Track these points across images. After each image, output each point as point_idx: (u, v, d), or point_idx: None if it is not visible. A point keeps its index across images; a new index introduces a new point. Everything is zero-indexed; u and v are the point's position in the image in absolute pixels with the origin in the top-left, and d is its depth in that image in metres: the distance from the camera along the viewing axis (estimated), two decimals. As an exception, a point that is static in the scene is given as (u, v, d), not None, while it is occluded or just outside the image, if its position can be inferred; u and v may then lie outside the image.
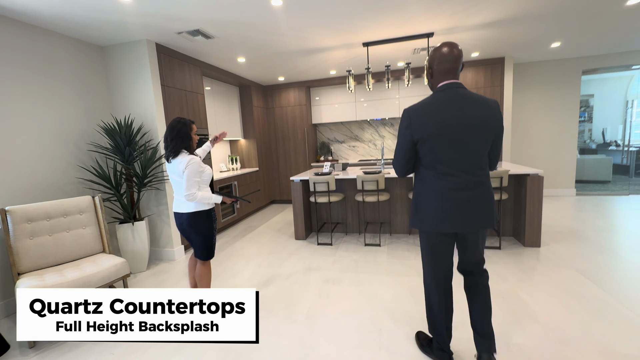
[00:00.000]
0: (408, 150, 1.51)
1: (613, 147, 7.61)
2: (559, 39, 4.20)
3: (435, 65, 1.49)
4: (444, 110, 1.43)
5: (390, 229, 3.99)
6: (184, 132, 2.06)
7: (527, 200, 3.24)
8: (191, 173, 1.99)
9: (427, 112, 1.45)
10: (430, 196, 1.49)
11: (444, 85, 1.46)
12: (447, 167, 1.45)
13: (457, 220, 1.45)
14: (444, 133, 1.42)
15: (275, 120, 6.18)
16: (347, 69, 3.85)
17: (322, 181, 3.61)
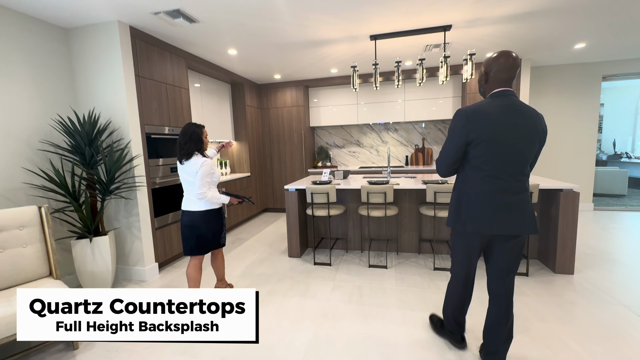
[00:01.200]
0: (460, 149, 1.53)
1: (625, 159, 7.26)
2: (585, 39, 3.80)
3: (493, 73, 1.52)
4: (500, 114, 1.46)
5: (397, 247, 3.51)
6: (197, 136, 2.22)
7: (559, 219, 2.79)
8: (204, 174, 2.17)
9: (485, 114, 1.47)
10: (475, 198, 1.53)
11: (500, 91, 1.50)
12: (496, 170, 1.48)
13: (503, 223, 1.48)
14: (499, 137, 1.45)
15: (270, 122, 5.70)
16: (352, 64, 3.39)
17: (321, 191, 3.12)
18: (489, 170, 1.48)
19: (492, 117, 1.45)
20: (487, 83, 1.56)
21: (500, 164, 1.46)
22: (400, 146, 5.70)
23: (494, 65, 1.51)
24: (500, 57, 1.50)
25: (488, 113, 1.46)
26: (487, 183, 1.49)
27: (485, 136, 1.44)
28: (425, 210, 3.04)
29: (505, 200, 1.47)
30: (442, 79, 3.28)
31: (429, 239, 3.45)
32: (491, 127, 1.44)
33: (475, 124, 1.46)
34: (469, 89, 4.72)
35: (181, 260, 3.54)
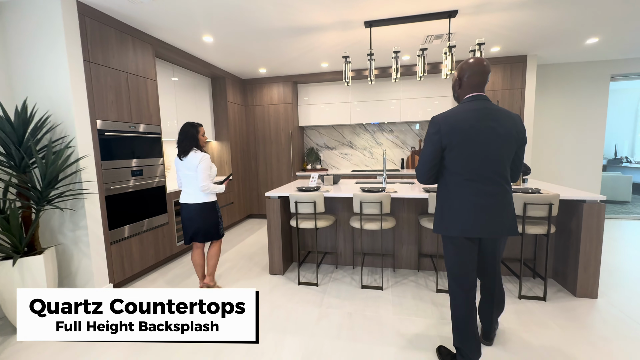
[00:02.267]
0: (435, 156, 1.55)
1: (627, 164, 7.02)
2: (599, 33, 3.46)
3: (466, 77, 1.55)
4: (472, 119, 1.48)
5: (394, 262, 3.09)
6: (192, 134, 2.42)
7: (581, 235, 2.41)
8: (204, 167, 2.37)
9: (457, 120, 1.50)
10: (455, 202, 1.55)
11: (473, 96, 1.54)
12: (472, 174, 1.50)
13: (481, 225, 1.50)
14: (472, 141, 1.47)
15: (255, 121, 5.24)
16: (343, 54, 2.97)
17: (307, 200, 2.68)
18: (465, 174, 1.51)
19: (464, 122, 1.48)
20: (460, 88, 1.60)
21: (475, 167, 1.49)
22: (395, 148, 5.30)
23: (467, 70, 1.55)
24: (473, 62, 1.55)
25: (460, 118, 1.49)
26: (464, 187, 1.52)
27: (458, 141, 1.48)
28: (427, 222, 2.63)
29: (483, 202, 1.49)
30: (447, 72, 2.89)
31: (429, 254, 3.05)
32: (464, 131, 1.47)
33: (447, 130, 1.49)
34: (471, 87, 4.35)
35: (146, 279, 3.05)
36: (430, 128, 1.55)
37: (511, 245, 2.86)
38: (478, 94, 1.54)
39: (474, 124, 1.47)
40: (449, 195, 1.57)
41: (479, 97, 1.53)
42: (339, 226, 3.20)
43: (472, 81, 1.54)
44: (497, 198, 1.50)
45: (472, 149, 1.47)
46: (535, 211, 2.35)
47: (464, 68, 1.56)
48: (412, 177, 4.63)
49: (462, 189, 1.52)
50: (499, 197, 1.50)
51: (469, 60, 1.57)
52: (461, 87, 1.59)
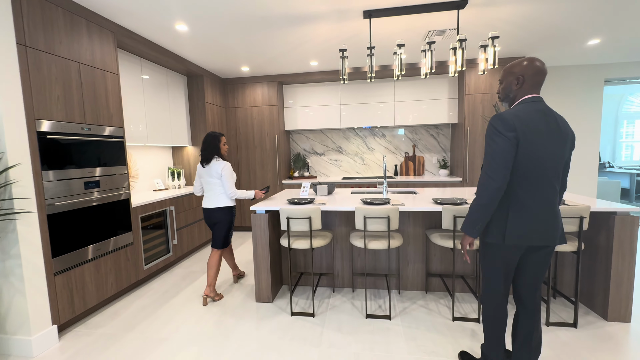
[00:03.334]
0: (512, 155, 1.38)
1: (610, 169, 7.10)
2: (601, 34, 3.31)
3: (528, 76, 1.44)
4: (539, 121, 1.39)
5: (399, 283, 2.72)
6: (214, 144, 2.59)
7: (613, 251, 2.14)
8: (228, 175, 2.55)
9: (529, 120, 1.39)
10: (515, 208, 1.43)
11: (533, 97, 1.44)
12: (535, 179, 1.40)
13: (540, 232, 1.41)
14: (539, 144, 1.38)
15: (237, 124, 4.78)
16: (340, 47, 2.61)
17: (301, 215, 2.27)
18: (530, 178, 1.40)
19: (534, 123, 1.38)
20: (520, 88, 1.47)
21: (540, 172, 1.40)
22: (388, 154, 4.99)
23: (530, 68, 1.44)
24: (536, 61, 1.43)
25: (531, 119, 1.39)
26: (527, 192, 1.41)
27: (528, 141, 1.37)
28: (439, 239, 2.28)
29: (543, 209, 1.41)
30: (455, 70, 2.58)
31: (438, 273, 2.70)
32: (532, 133, 1.37)
33: (522, 129, 1.37)
34: (468, 89, 4.12)
35: (104, 314, 2.50)
36: (500, 126, 1.39)
37: (528, 261, 2.56)
38: (538, 95, 1.45)
39: (541, 125, 1.38)
40: (508, 200, 1.43)
41: (539, 99, 1.44)
42: (336, 243, 2.81)
43: (534, 80, 1.43)
44: (555, 205, 1.43)
45: (539, 153, 1.37)
46: (565, 226, 2.05)
47: (526, 66, 1.44)
48: (408, 184, 4.32)
49: (526, 195, 1.41)
50: (556, 204, 1.43)
51: (526, 59, 1.45)
52: (522, 87, 1.46)
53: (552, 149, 1.38)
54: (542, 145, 1.37)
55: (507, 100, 1.53)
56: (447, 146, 4.82)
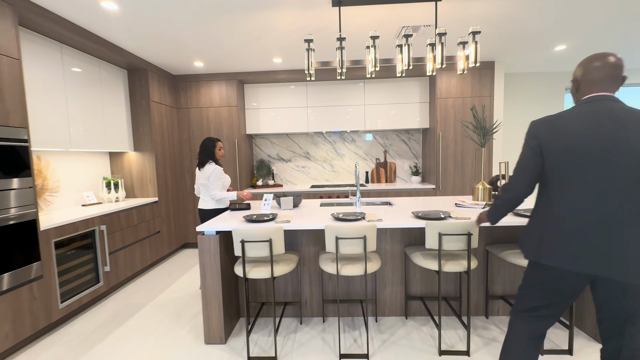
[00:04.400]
0: (534, 164, 1.30)
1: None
2: (567, 40, 3.29)
3: (582, 75, 1.27)
4: (584, 123, 1.20)
5: (376, 309, 2.37)
6: (209, 148, 2.79)
7: (605, 267, 1.96)
8: (214, 178, 2.70)
9: (561, 124, 1.24)
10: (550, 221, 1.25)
11: (590, 97, 1.25)
12: (582, 191, 1.18)
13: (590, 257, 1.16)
14: (581, 150, 1.18)
15: (191, 126, 4.22)
16: (306, 38, 2.24)
17: (259, 238, 1.84)
18: (573, 190, 1.20)
19: (571, 127, 1.21)
20: (578, 92, 1.31)
21: (588, 182, 1.17)
22: (358, 160, 4.71)
23: (584, 66, 1.27)
24: (592, 56, 1.26)
25: (566, 123, 1.23)
26: (569, 205, 1.20)
27: (561, 149, 1.22)
28: (421, 259, 1.97)
29: (595, 226, 1.15)
30: (433, 68, 2.32)
31: (419, 295, 2.40)
32: (570, 138, 1.21)
33: (547, 134, 1.26)
34: (440, 93, 3.96)
35: (-10, 376, 1.86)
36: (528, 132, 1.33)
37: (509, 278, 2.35)
38: (599, 94, 1.23)
39: (585, 129, 1.19)
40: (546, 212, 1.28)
41: (600, 98, 1.22)
42: (303, 265, 2.40)
43: (591, 77, 1.24)
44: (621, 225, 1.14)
45: (582, 161, 1.18)
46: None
47: (580, 64, 1.29)
48: (379, 193, 4.04)
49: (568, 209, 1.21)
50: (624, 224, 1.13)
51: (586, 58, 1.28)
52: (579, 90, 1.30)
53: (602, 156, 1.15)
54: (584, 151, 1.18)
55: (575, 103, 1.35)
56: (419, 152, 4.65)
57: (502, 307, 2.37)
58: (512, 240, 2.32)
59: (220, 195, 2.70)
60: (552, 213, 1.24)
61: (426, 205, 2.59)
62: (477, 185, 2.70)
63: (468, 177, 4.03)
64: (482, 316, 2.37)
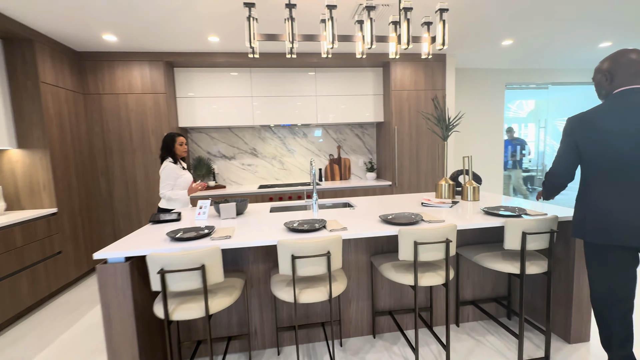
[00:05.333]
0: (572, 158, 1.44)
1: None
2: (515, 35, 3.32)
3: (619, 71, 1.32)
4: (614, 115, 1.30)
5: (341, 331, 2.02)
6: (166, 144, 2.64)
7: (575, 265, 1.87)
8: (163, 177, 2.55)
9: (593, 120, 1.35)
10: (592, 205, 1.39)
11: (623, 90, 1.32)
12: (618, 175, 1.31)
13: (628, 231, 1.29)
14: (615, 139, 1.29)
15: (105, 117, 3.39)
16: (246, 1, 1.75)
17: (187, 265, 1.34)
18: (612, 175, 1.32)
19: (603, 121, 1.32)
20: (611, 83, 1.35)
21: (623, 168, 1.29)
22: (311, 156, 4.34)
23: (617, 60, 1.32)
24: (628, 52, 1.31)
25: (601, 118, 1.33)
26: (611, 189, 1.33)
27: (594, 142, 1.34)
28: (393, 272, 1.67)
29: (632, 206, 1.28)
30: (397, 50, 2.03)
31: (387, 309, 2.11)
32: (600, 132, 1.32)
33: (582, 132, 1.38)
34: (394, 84, 3.77)
35: None
36: (564, 128, 1.45)
37: (478, 281, 2.20)
38: (633, 87, 1.29)
39: (618, 121, 1.28)
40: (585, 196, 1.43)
41: (636, 91, 1.28)
42: (251, 287, 1.94)
43: (627, 70, 1.30)
44: None
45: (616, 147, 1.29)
46: (535, 242, 1.68)
47: (613, 57, 1.34)
48: (335, 192, 3.72)
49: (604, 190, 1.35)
50: None
51: (619, 51, 1.34)
52: (612, 82, 1.35)
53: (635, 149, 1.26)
54: (622, 140, 1.27)
55: (601, 98, 1.45)
56: (373, 147, 4.44)
57: (472, 313, 2.20)
58: (482, 241, 2.15)
59: (170, 195, 2.55)
60: (596, 199, 1.36)
61: (389, 205, 2.31)
62: (440, 182, 2.51)
63: (423, 173, 3.93)
64: (453, 324, 2.18)
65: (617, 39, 3.61)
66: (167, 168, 2.55)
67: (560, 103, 6.36)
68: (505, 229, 1.66)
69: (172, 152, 2.63)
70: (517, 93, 7.11)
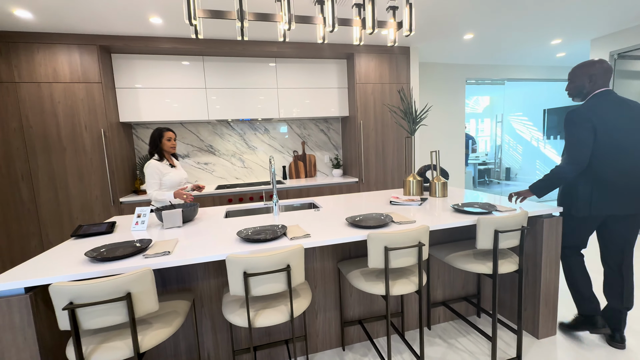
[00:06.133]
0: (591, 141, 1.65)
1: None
2: (475, 29, 3.32)
3: (595, 76, 1.69)
4: (610, 109, 1.66)
5: (306, 347, 1.82)
6: (153, 140, 2.44)
7: (542, 262, 1.84)
8: (147, 176, 2.35)
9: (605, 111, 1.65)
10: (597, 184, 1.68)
11: (605, 91, 1.70)
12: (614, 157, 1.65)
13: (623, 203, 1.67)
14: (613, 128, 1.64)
15: (24, 111, 2.86)
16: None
17: (106, 295, 1.05)
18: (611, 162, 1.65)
19: (605, 112, 1.65)
20: (594, 85, 1.71)
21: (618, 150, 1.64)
22: (274, 153, 4.07)
23: (599, 67, 1.68)
24: (602, 61, 1.70)
25: (596, 109, 1.65)
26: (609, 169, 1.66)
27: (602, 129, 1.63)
28: (362, 281, 1.50)
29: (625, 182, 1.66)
30: (360, 35, 1.85)
31: (357, 318, 1.95)
32: (605, 121, 1.63)
33: (596, 119, 1.63)
34: (358, 77, 3.62)
35: None
36: (578, 117, 1.66)
37: (448, 281, 2.12)
38: (609, 89, 1.70)
39: (613, 112, 1.64)
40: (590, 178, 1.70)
41: (610, 91, 1.69)
42: (202, 307, 1.67)
43: (606, 78, 1.69)
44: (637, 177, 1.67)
45: (614, 134, 1.63)
46: (507, 241, 1.60)
47: (592, 64, 1.70)
48: (300, 192, 3.51)
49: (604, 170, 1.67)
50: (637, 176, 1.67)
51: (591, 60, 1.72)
52: (596, 83, 1.70)
53: (631, 130, 1.64)
54: (617, 128, 1.62)
55: (578, 97, 1.79)
56: (339, 143, 4.29)
57: (442, 314, 2.12)
58: (451, 239, 2.07)
59: (156, 196, 2.30)
60: (599, 179, 1.67)
61: (357, 205, 2.15)
62: (408, 178, 2.40)
63: (390, 169, 3.85)
64: (424, 327, 2.08)
65: (567, 37, 3.77)
66: (150, 166, 2.35)
67: (514, 99, 6.69)
68: (478, 227, 1.57)
69: (158, 148, 2.43)
70: (474, 89, 7.38)
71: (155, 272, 1.58)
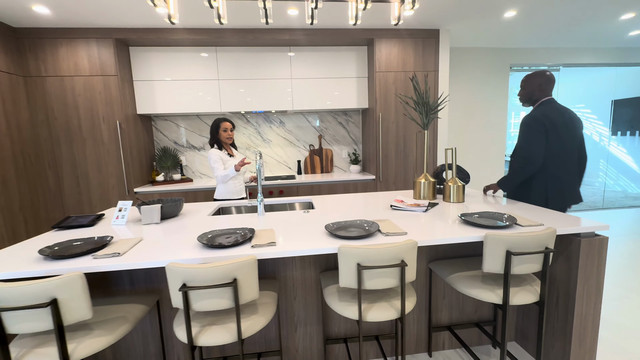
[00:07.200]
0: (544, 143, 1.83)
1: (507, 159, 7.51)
2: (518, 5, 2.81)
3: (543, 85, 1.92)
4: (557, 115, 1.86)
5: (283, 363, 1.66)
6: (212, 131, 2.65)
7: (577, 290, 1.46)
8: (210, 162, 2.56)
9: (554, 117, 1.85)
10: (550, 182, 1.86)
11: (550, 99, 1.93)
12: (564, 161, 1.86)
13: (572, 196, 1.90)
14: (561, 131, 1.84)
15: (49, 103, 3.03)
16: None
17: (29, 300, 0.97)
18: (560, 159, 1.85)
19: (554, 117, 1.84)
20: (542, 93, 1.93)
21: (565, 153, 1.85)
22: (289, 147, 3.93)
23: (545, 78, 1.91)
24: (546, 71, 1.92)
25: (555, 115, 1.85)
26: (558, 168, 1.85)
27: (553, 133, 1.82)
28: (336, 301, 1.29)
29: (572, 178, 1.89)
30: (400, 12, 1.61)
31: (342, 336, 1.74)
32: (555, 125, 1.83)
33: (549, 124, 1.82)
34: (378, 65, 3.30)
35: None
36: (534, 123, 1.85)
37: (456, 302, 1.80)
38: (551, 97, 1.94)
39: (559, 118, 1.84)
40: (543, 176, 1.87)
41: (553, 100, 1.92)
42: (171, 309, 1.58)
43: (550, 87, 1.93)
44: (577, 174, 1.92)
45: (562, 137, 1.83)
46: (525, 264, 1.27)
47: (541, 77, 1.92)
48: (311, 188, 3.33)
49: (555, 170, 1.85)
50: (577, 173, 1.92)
51: (538, 72, 1.94)
52: (543, 92, 1.93)
53: (571, 133, 1.86)
54: (563, 132, 1.84)
55: (528, 102, 2.01)
56: (359, 137, 4.01)
57: (448, 340, 1.82)
58: (461, 253, 1.75)
59: (223, 173, 2.51)
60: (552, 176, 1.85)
61: (354, 207, 1.91)
62: (419, 179, 2.09)
63: (411, 166, 3.49)
64: (424, 353, 1.80)
65: None
66: (212, 154, 2.55)
67: (573, 88, 5.77)
68: (485, 246, 1.26)
69: (216, 139, 2.63)
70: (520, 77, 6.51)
71: (124, 272, 1.52)
